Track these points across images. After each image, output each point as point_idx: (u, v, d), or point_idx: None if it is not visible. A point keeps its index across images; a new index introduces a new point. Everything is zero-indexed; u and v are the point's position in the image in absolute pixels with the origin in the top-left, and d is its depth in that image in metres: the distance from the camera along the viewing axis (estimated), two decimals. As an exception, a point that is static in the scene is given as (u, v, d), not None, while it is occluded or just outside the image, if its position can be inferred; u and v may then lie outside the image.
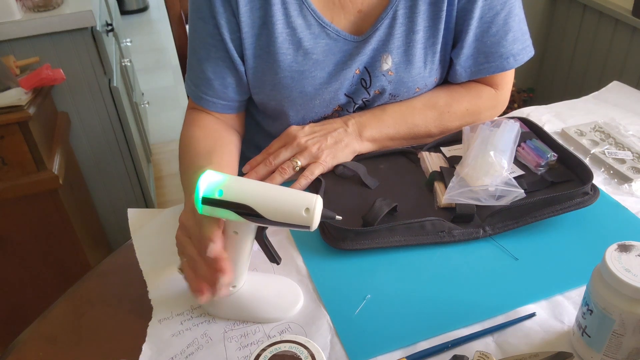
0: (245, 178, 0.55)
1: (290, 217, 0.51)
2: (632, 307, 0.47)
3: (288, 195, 0.52)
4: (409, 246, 0.66)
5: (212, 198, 0.51)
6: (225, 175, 0.53)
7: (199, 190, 0.51)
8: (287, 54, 0.78)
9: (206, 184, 0.52)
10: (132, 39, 2.22)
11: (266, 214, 0.51)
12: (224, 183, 0.52)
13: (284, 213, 0.51)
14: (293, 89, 0.80)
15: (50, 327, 0.61)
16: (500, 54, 0.82)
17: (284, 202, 0.51)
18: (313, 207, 0.51)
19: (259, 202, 0.51)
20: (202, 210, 0.52)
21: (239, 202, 0.51)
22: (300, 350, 0.47)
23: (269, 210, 0.51)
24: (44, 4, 1.38)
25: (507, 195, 0.68)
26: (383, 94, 0.84)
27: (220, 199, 0.51)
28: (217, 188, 0.51)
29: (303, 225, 0.51)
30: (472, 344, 0.55)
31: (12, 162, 1.27)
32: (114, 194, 1.73)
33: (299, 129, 0.81)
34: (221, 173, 0.53)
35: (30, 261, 1.44)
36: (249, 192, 0.51)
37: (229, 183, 0.52)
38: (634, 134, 0.87)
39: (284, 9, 0.76)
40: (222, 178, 0.52)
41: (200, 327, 0.59)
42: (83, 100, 1.52)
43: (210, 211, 0.52)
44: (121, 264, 0.69)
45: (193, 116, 0.85)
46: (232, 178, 0.53)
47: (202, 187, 0.52)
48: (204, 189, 0.52)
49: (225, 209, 0.52)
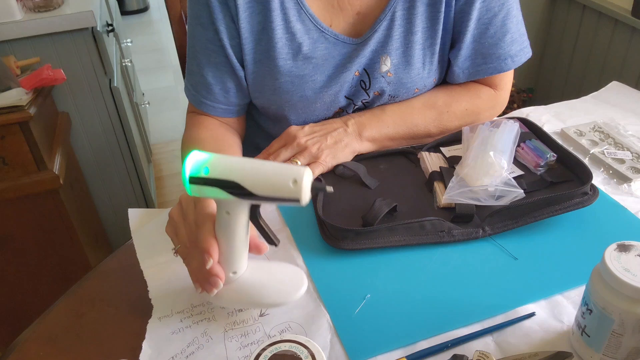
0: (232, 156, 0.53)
1: (278, 190, 0.49)
2: (632, 307, 0.47)
3: (275, 169, 0.50)
4: (408, 246, 0.66)
5: (199, 176, 0.51)
6: (211, 154, 0.52)
7: (185, 170, 0.51)
8: (287, 59, 0.79)
9: (192, 163, 0.51)
10: (132, 39, 2.22)
11: (253, 189, 0.50)
12: (209, 161, 0.51)
13: (272, 186, 0.50)
14: (293, 94, 0.81)
15: (50, 327, 0.61)
16: (498, 55, 0.83)
17: (271, 175, 0.50)
18: (301, 178, 0.49)
19: (246, 177, 0.50)
20: (191, 191, 0.52)
21: (225, 179, 0.50)
22: (300, 349, 0.47)
23: (256, 185, 0.50)
24: (44, 4, 1.38)
25: (507, 195, 0.68)
26: (382, 95, 0.84)
27: (206, 177, 0.50)
28: (203, 166, 0.51)
29: (292, 199, 0.50)
30: (471, 344, 0.55)
31: (13, 162, 1.27)
32: (115, 194, 1.74)
33: (298, 129, 0.81)
34: (207, 152, 0.52)
35: (31, 261, 1.44)
36: (236, 168, 0.50)
37: (214, 160, 0.51)
38: (633, 134, 0.87)
39: (283, 14, 0.77)
40: (208, 156, 0.51)
41: (200, 325, 0.59)
42: (84, 100, 1.52)
43: (198, 191, 0.51)
44: (121, 264, 0.69)
45: (196, 118, 0.85)
46: (218, 156, 0.52)
47: (188, 167, 0.51)
48: (190, 169, 0.51)
49: (213, 187, 0.51)
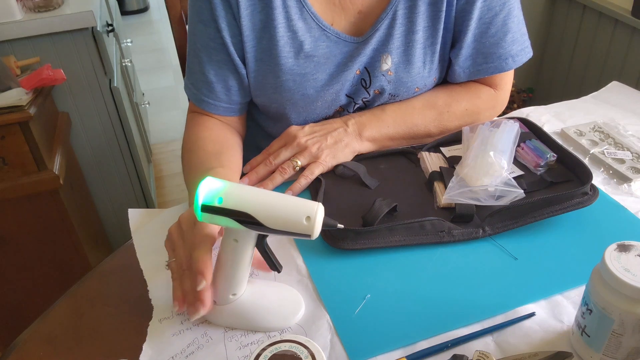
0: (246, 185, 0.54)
1: (290, 226, 0.50)
2: (632, 307, 0.47)
3: (289, 203, 0.50)
4: (408, 246, 0.66)
5: (212, 205, 0.50)
6: (225, 182, 0.52)
7: (198, 197, 0.51)
8: (289, 57, 0.79)
9: (206, 191, 0.51)
10: (132, 40, 2.22)
11: (266, 222, 0.50)
12: (223, 190, 0.51)
13: (285, 221, 0.50)
14: (295, 92, 0.81)
15: (50, 327, 0.61)
16: (499, 54, 0.83)
17: (284, 210, 0.50)
18: (314, 215, 0.49)
19: (259, 210, 0.50)
20: (202, 218, 0.52)
21: (239, 210, 0.50)
22: (300, 349, 0.47)
23: (269, 219, 0.50)
24: (44, 5, 1.38)
25: (507, 195, 0.68)
26: (383, 94, 0.84)
27: (220, 207, 0.50)
28: (217, 195, 0.50)
29: (304, 234, 0.50)
30: (471, 344, 0.55)
31: (13, 162, 1.27)
32: (115, 194, 1.73)
33: (298, 129, 0.81)
34: (221, 180, 0.52)
35: (31, 261, 1.44)
36: (249, 200, 0.51)
37: (229, 190, 0.51)
38: (633, 134, 0.87)
39: (285, 12, 0.76)
40: (222, 185, 0.51)
41: (200, 326, 0.59)
42: (84, 100, 1.52)
43: (209, 219, 0.52)
44: (121, 264, 0.69)
45: (197, 119, 0.85)
46: (233, 185, 0.52)
47: (201, 195, 0.51)
48: (203, 196, 0.51)
49: (224, 217, 0.51)
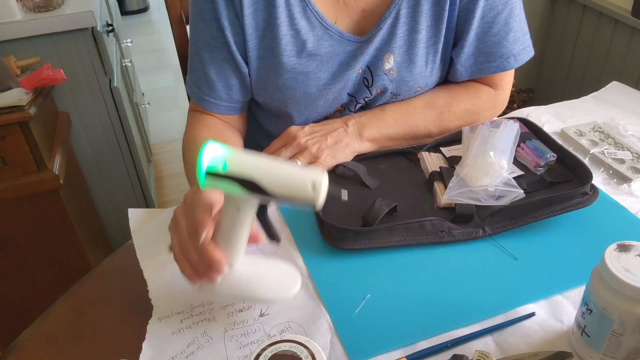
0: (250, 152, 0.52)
1: (296, 193, 0.48)
2: (632, 307, 0.47)
3: (294, 170, 0.49)
4: (408, 246, 0.66)
5: (216, 172, 0.49)
6: (229, 148, 0.50)
7: (201, 163, 0.49)
8: (291, 56, 0.78)
9: (210, 157, 0.49)
10: (132, 40, 2.22)
11: (271, 189, 0.48)
12: (228, 156, 0.49)
13: (290, 188, 0.48)
14: (297, 90, 0.81)
15: (50, 327, 0.61)
16: (500, 54, 0.83)
17: (289, 177, 0.49)
18: (320, 183, 0.48)
19: (264, 176, 0.48)
20: (205, 184, 0.50)
21: (244, 177, 0.48)
22: (300, 349, 0.47)
23: (274, 185, 0.48)
24: (44, 5, 1.38)
25: (507, 195, 0.68)
26: (385, 93, 0.84)
27: (224, 173, 0.49)
28: (221, 161, 0.49)
29: (308, 202, 0.49)
30: (471, 344, 0.55)
31: (13, 162, 1.27)
32: (115, 194, 1.74)
33: (299, 129, 0.81)
34: (224, 145, 0.50)
35: (31, 261, 1.44)
36: (254, 166, 0.49)
37: (233, 156, 0.49)
38: (633, 134, 0.87)
39: (288, 11, 0.76)
40: (226, 151, 0.50)
41: (200, 325, 0.59)
42: (84, 100, 1.52)
43: (213, 185, 0.50)
44: (121, 264, 0.69)
45: (197, 117, 0.85)
46: (236, 151, 0.50)
47: (205, 160, 0.49)
48: (207, 162, 0.49)
49: (229, 183, 0.49)
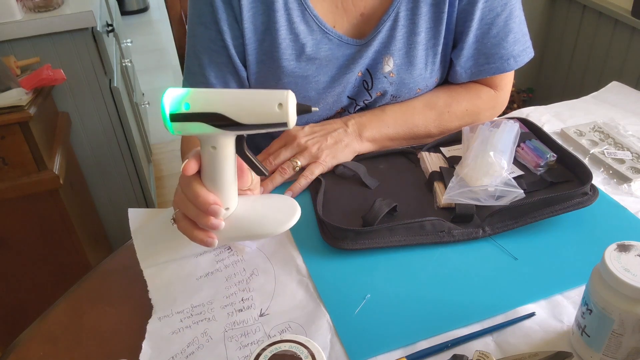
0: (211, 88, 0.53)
1: (264, 117, 0.48)
2: (632, 307, 0.47)
3: (258, 95, 0.49)
4: (408, 246, 0.66)
5: (180, 112, 0.48)
6: (188, 89, 0.50)
7: (164, 107, 0.48)
8: (291, 60, 0.79)
9: (170, 100, 0.48)
10: (132, 40, 2.22)
11: (239, 118, 0.48)
12: (188, 95, 0.49)
13: (257, 113, 0.48)
14: (296, 94, 0.80)
15: (51, 327, 0.61)
16: (500, 55, 0.83)
17: (254, 102, 0.48)
18: (286, 101, 0.48)
19: (229, 107, 0.48)
20: (173, 129, 0.49)
21: (208, 112, 0.48)
22: (300, 349, 0.47)
23: (240, 114, 0.48)
24: (44, 5, 1.38)
25: (507, 195, 0.68)
26: (385, 96, 0.84)
27: (188, 112, 0.48)
28: (183, 101, 0.48)
29: (279, 123, 0.48)
30: (471, 344, 0.55)
31: (13, 162, 1.27)
32: (115, 194, 1.74)
33: (298, 129, 0.81)
34: (183, 88, 0.50)
35: (30, 261, 1.44)
36: (217, 100, 0.49)
37: (194, 95, 0.49)
38: (633, 134, 0.87)
39: (287, 14, 0.76)
40: (186, 91, 0.49)
41: (200, 325, 0.59)
42: (84, 100, 1.53)
43: (181, 128, 0.49)
44: (121, 264, 0.69)
45: None
46: (196, 89, 0.50)
47: (166, 104, 0.48)
48: (169, 105, 0.48)
49: (196, 122, 0.48)
